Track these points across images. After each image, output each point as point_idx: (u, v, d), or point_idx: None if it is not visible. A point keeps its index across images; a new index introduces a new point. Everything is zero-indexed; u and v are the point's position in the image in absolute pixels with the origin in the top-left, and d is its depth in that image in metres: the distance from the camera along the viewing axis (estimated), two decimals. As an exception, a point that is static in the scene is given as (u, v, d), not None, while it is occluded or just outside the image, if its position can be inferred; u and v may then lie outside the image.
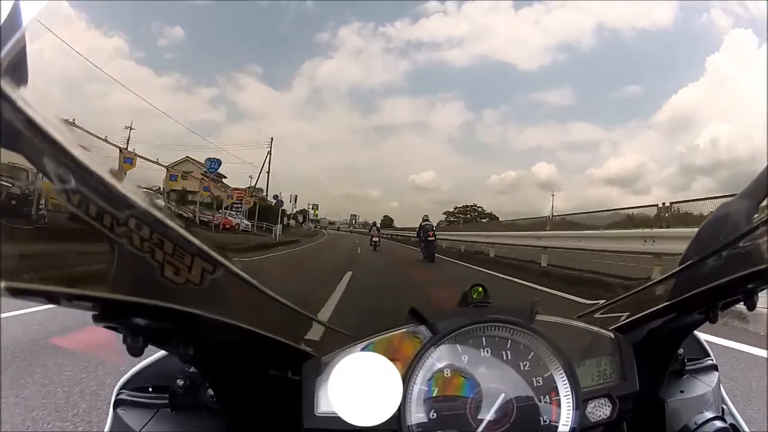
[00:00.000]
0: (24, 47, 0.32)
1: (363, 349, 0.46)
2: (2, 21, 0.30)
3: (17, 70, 0.31)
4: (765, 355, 2.86)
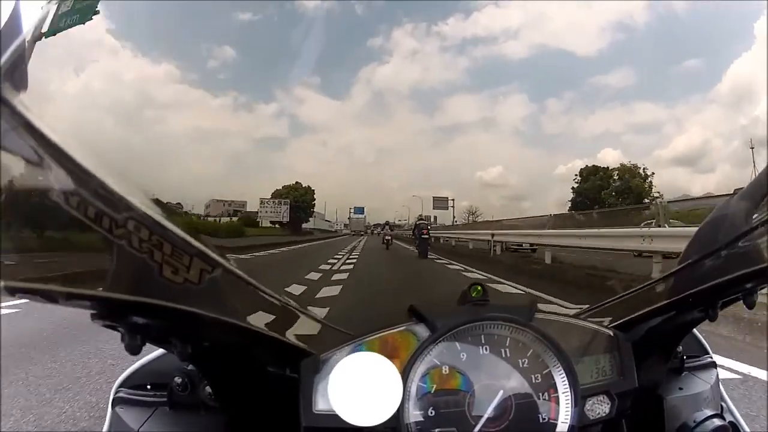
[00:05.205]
0: (23, 51, 0.32)
1: (361, 347, 0.46)
2: (2, 25, 0.30)
3: (17, 74, 0.31)
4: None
